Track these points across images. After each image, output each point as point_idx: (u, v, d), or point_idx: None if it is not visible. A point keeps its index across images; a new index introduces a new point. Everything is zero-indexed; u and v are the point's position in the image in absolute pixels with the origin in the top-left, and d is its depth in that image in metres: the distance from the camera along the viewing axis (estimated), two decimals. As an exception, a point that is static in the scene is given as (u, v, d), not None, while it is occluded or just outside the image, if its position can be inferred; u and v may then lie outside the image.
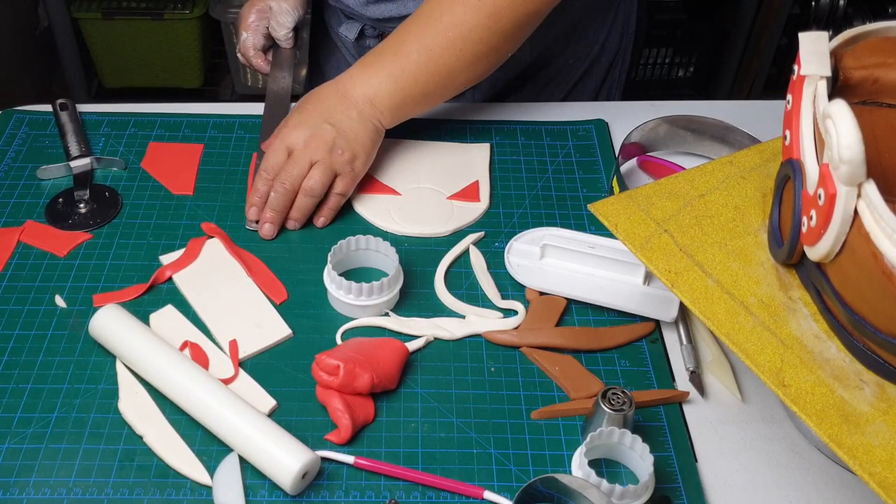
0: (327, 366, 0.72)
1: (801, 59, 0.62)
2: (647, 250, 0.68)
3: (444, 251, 0.87)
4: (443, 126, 1.01)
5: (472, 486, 0.68)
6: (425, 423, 0.73)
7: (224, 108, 1.04)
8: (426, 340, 0.79)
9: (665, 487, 0.69)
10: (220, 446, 0.70)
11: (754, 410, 0.76)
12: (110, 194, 0.91)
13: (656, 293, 0.82)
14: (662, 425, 0.74)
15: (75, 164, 0.93)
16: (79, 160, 0.93)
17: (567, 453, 0.71)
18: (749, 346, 0.62)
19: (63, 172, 0.93)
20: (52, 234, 0.87)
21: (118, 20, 2.16)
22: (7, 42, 1.95)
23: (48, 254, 0.85)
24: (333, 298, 0.81)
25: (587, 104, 1.07)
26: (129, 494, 0.67)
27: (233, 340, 0.77)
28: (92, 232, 0.87)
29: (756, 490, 0.70)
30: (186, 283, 0.82)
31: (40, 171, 0.92)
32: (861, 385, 0.60)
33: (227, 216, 0.90)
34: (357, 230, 0.85)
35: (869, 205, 0.54)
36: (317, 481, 0.69)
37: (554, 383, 0.76)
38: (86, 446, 0.70)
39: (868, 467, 0.55)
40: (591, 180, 0.96)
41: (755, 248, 0.68)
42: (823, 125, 0.57)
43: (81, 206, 0.89)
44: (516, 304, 0.82)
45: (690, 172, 0.75)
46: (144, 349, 0.73)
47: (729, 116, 0.97)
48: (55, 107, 0.99)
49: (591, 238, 0.86)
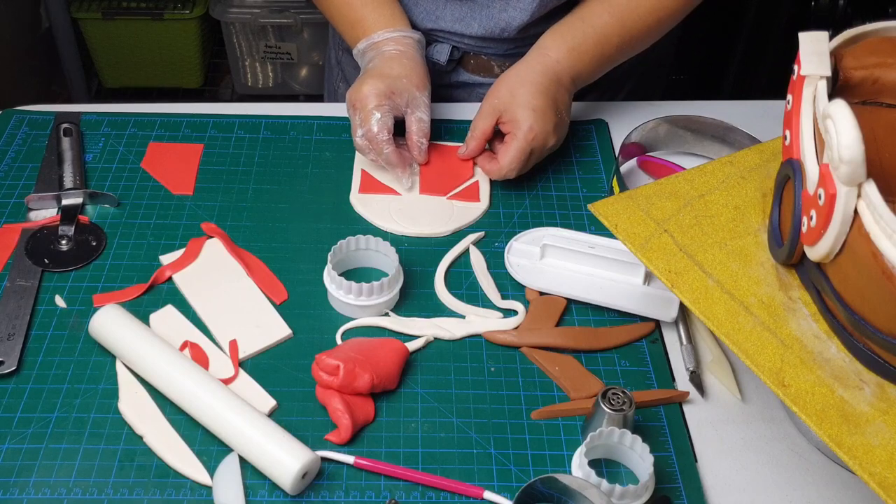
0: (327, 366, 0.72)
1: (801, 59, 0.62)
2: (647, 250, 0.68)
3: (444, 251, 0.87)
4: (443, 126, 1.01)
5: (472, 486, 0.68)
6: (425, 423, 0.73)
7: (224, 108, 1.04)
8: (426, 340, 0.79)
9: (665, 487, 0.69)
10: (220, 446, 0.70)
11: (754, 410, 0.76)
12: (95, 233, 0.86)
13: (656, 293, 0.82)
14: (662, 425, 0.74)
15: (66, 198, 0.88)
16: (71, 193, 0.88)
17: (567, 453, 0.71)
18: (749, 346, 0.62)
19: (52, 205, 0.88)
20: (52, 234, 0.87)
21: (118, 20, 2.17)
22: (8, 42, 1.95)
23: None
24: (333, 298, 0.81)
25: (587, 104, 1.07)
26: (129, 494, 0.67)
27: (233, 340, 0.77)
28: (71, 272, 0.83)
29: (756, 490, 0.70)
30: (186, 283, 0.82)
31: (29, 199, 0.87)
32: (861, 385, 0.60)
33: (227, 216, 0.90)
34: (357, 230, 0.85)
35: (869, 205, 0.54)
36: (317, 481, 0.69)
37: (554, 383, 0.76)
38: (86, 446, 0.70)
39: (868, 467, 0.55)
40: (591, 180, 0.96)
41: (755, 248, 0.68)
42: (823, 125, 0.57)
43: (63, 242, 0.84)
44: (516, 304, 0.82)
45: (690, 172, 0.75)
46: (144, 349, 0.73)
47: (729, 116, 0.97)
48: (58, 131, 0.95)
49: (591, 238, 0.86)
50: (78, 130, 0.96)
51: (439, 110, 1.04)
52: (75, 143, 0.94)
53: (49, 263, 0.82)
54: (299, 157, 0.97)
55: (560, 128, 0.92)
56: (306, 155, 0.97)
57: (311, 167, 0.96)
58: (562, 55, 0.92)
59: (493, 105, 0.91)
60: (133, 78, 2.31)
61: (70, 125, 0.96)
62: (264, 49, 2.28)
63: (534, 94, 0.89)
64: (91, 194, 0.89)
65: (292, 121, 1.01)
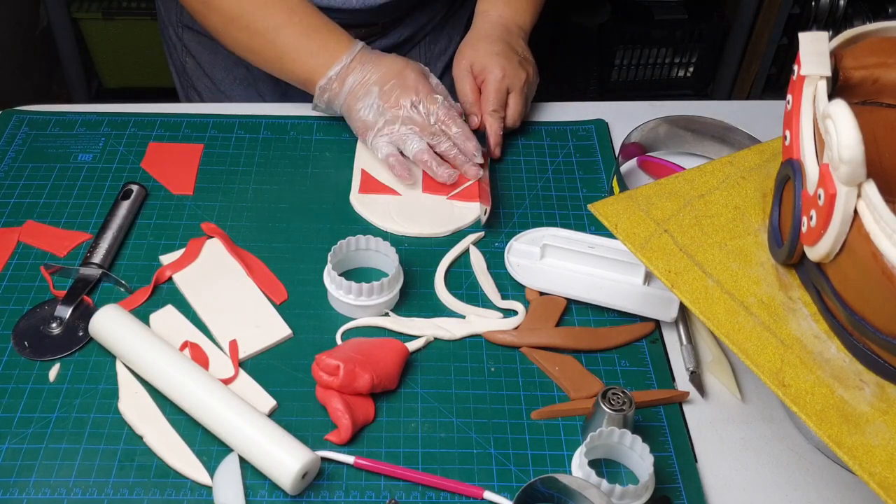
0: (327, 366, 0.72)
1: (801, 59, 0.62)
2: (647, 250, 0.68)
3: (444, 251, 0.87)
4: (443, 126, 1.01)
5: (472, 486, 0.68)
6: (425, 423, 0.73)
7: (224, 108, 1.04)
8: (426, 340, 0.79)
9: (665, 487, 0.69)
10: (220, 446, 0.70)
11: (754, 410, 0.76)
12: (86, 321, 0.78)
13: (656, 293, 0.82)
14: (662, 425, 0.74)
15: (84, 270, 0.82)
16: (89, 268, 0.82)
17: (567, 453, 0.71)
18: (749, 346, 0.62)
19: (68, 275, 0.82)
20: (52, 233, 0.87)
21: (118, 20, 2.16)
22: (7, 42, 1.95)
23: (48, 254, 0.85)
24: (333, 298, 0.81)
25: (587, 104, 1.07)
26: (129, 494, 0.67)
27: (233, 340, 0.77)
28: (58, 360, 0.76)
29: (756, 490, 0.70)
30: (186, 283, 0.82)
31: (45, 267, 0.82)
32: (861, 385, 0.60)
33: (227, 216, 0.90)
34: (357, 230, 0.85)
35: (869, 205, 0.54)
36: (317, 481, 0.69)
37: (554, 383, 0.76)
38: (86, 446, 0.70)
39: (868, 467, 0.55)
40: (591, 180, 0.96)
41: (755, 248, 0.68)
42: (823, 125, 0.57)
43: (54, 326, 0.78)
44: (516, 304, 0.82)
45: (690, 172, 0.75)
46: (144, 349, 0.73)
47: (729, 116, 0.97)
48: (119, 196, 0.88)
49: (591, 238, 0.86)
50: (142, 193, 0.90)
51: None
52: (132, 208, 0.88)
53: (27, 348, 0.77)
54: (299, 157, 0.97)
55: (525, 64, 1.00)
56: (306, 155, 0.97)
57: (311, 167, 0.96)
58: (501, 10, 1.04)
59: (463, 67, 1.00)
60: (133, 78, 2.31)
61: (136, 187, 0.90)
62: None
63: (491, 43, 1.00)
64: (107, 275, 0.82)
65: (292, 121, 1.01)
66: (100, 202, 0.90)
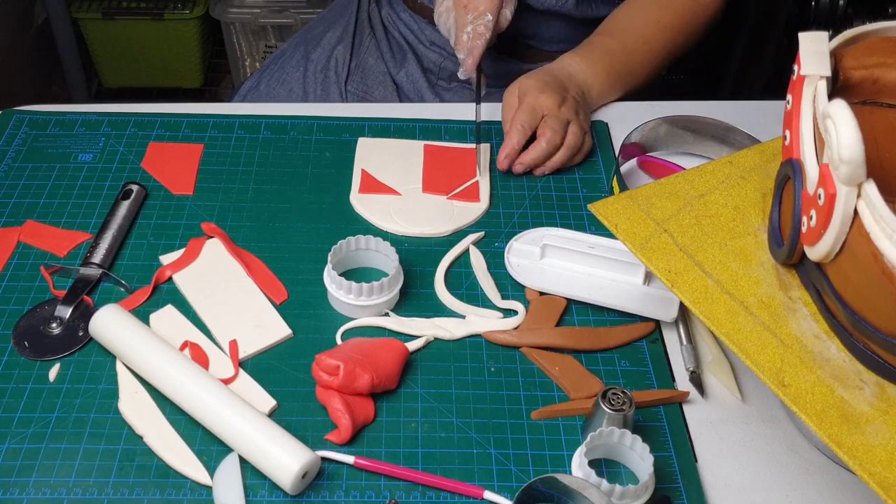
0: (327, 366, 0.72)
1: (801, 59, 0.62)
2: (647, 250, 0.68)
3: (444, 251, 0.87)
4: (443, 126, 1.01)
5: (472, 486, 0.68)
6: (425, 423, 0.73)
7: (224, 108, 1.04)
8: (426, 340, 0.79)
9: (665, 487, 0.69)
10: (220, 446, 0.70)
11: (754, 410, 0.76)
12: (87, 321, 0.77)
13: (656, 293, 0.82)
14: (662, 425, 0.74)
15: (84, 270, 0.82)
16: (89, 267, 0.82)
17: (567, 453, 0.71)
18: (749, 346, 0.62)
19: (68, 275, 0.82)
20: (52, 233, 0.87)
21: (118, 20, 2.17)
22: (7, 42, 1.95)
23: (48, 253, 0.85)
24: (333, 298, 0.81)
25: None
26: (129, 494, 0.67)
27: (233, 340, 0.77)
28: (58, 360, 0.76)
29: (756, 490, 0.70)
30: (186, 283, 0.82)
31: (45, 267, 0.82)
32: (861, 385, 0.60)
33: (227, 216, 0.90)
34: (357, 230, 0.85)
35: (869, 205, 0.54)
36: (317, 481, 0.69)
37: (554, 383, 0.76)
38: (86, 446, 0.70)
39: (868, 467, 0.55)
40: (591, 180, 0.96)
41: (755, 248, 0.68)
42: (823, 125, 0.57)
43: (54, 326, 0.78)
44: (516, 304, 0.82)
45: (690, 172, 0.75)
46: (144, 349, 0.73)
47: (729, 116, 0.97)
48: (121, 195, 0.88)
49: (591, 238, 0.86)
50: (142, 193, 0.90)
51: (440, 110, 1.05)
52: (132, 208, 0.88)
53: (27, 348, 0.77)
54: (299, 157, 0.97)
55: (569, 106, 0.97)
56: (306, 155, 0.97)
57: (311, 167, 0.96)
58: (579, 65, 1.03)
59: (510, 89, 1.00)
60: (133, 78, 2.31)
61: (136, 187, 0.90)
62: (264, 49, 2.28)
63: (541, 77, 0.99)
64: (107, 275, 0.82)
65: (292, 121, 1.01)
66: (100, 202, 0.90)
